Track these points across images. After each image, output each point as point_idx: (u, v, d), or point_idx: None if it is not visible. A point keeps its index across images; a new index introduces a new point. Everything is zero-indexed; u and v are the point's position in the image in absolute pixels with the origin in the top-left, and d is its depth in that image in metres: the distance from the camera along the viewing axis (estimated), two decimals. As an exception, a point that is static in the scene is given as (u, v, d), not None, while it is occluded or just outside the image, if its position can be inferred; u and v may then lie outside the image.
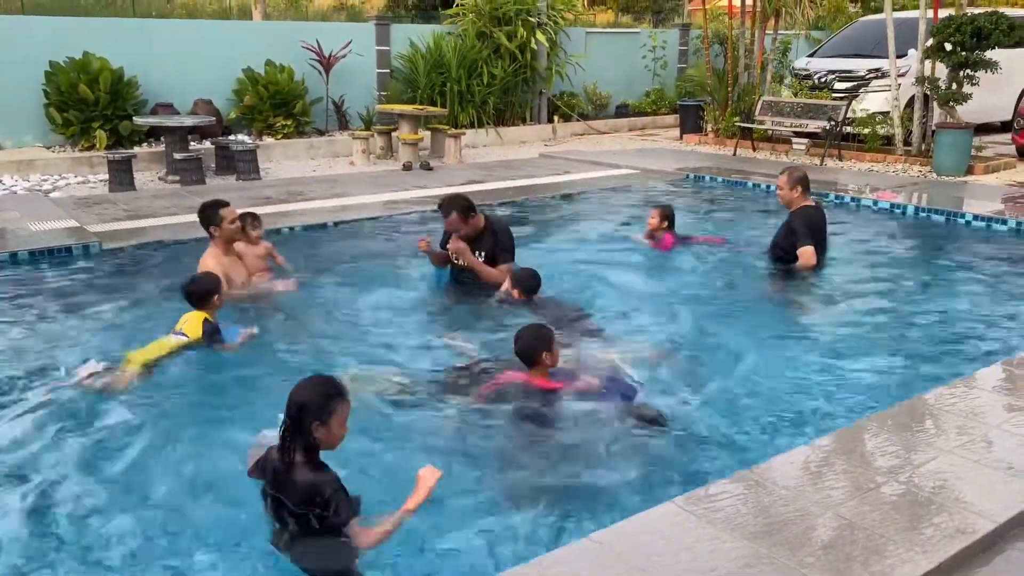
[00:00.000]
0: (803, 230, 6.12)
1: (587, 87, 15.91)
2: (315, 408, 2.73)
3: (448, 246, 5.59)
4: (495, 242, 5.59)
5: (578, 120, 15.40)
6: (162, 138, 10.47)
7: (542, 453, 3.64)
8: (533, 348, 3.92)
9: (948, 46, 10.89)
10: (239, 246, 5.53)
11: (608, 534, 2.78)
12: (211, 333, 4.51)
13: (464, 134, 12.32)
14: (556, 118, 15.22)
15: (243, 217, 5.57)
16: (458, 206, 5.47)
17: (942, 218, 8.33)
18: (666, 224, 6.76)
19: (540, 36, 13.90)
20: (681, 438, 3.81)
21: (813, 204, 6.31)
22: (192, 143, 10.72)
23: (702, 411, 4.06)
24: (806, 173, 6.32)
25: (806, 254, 6.07)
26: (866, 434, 3.55)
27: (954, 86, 11.02)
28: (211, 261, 5.21)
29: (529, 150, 13.25)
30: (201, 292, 4.59)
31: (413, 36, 13.79)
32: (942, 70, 11.29)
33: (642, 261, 6.65)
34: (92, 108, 10.57)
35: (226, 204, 5.39)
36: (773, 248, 6.40)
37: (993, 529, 2.84)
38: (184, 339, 4.46)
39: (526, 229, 7.58)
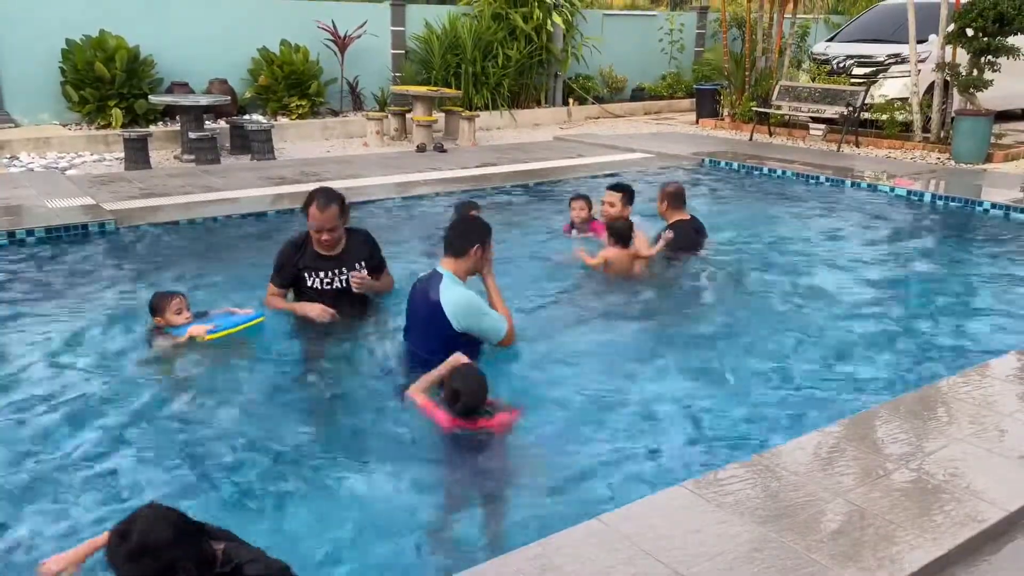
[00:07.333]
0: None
1: (603, 70, 15.81)
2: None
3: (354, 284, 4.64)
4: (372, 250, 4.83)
5: (593, 103, 15.31)
6: (177, 117, 10.50)
7: (549, 435, 3.65)
8: (480, 400, 3.54)
9: (970, 31, 10.77)
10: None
11: (616, 516, 2.79)
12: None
13: (478, 116, 12.28)
14: (571, 101, 15.13)
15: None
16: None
17: (959, 206, 8.25)
18: (589, 212, 6.35)
19: (556, 18, 13.81)
20: (692, 423, 3.80)
21: (688, 218, 6.06)
22: (207, 122, 10.74)
23: (713, 396, 4.05)
24: (682, 188, 6.11)
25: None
26: (877, 421, 3.53)
27: (975, 72, 10.89)
28: None
29: (543, 133, 13.19)
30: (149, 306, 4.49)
31: (428, 17, 13.73)
32: (963, 56, 11.16)
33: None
34: (108, 86, 10.60)
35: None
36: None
37: (1003, 518, 2.83)
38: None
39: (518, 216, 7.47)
